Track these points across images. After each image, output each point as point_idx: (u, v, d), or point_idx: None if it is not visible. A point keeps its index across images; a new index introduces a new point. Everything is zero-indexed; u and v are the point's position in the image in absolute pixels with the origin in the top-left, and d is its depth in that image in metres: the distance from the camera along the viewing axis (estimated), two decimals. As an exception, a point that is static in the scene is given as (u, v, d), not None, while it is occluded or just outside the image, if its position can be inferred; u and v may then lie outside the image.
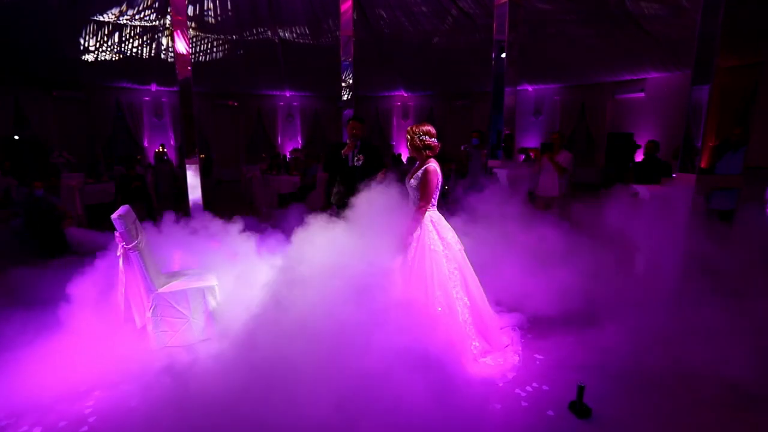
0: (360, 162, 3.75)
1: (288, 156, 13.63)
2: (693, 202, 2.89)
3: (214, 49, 9.34)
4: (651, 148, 5.58)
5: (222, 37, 8.67)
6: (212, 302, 2.88)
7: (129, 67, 10.15)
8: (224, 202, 9.27)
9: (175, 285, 2.86)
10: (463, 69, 11.12)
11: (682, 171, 2.95)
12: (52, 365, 2.60)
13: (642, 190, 3.19)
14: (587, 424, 2.08)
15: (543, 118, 13.27)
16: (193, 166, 6.42)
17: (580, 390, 2.16)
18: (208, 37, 8.71)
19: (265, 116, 14.55)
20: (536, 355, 2.73)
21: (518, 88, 13.75)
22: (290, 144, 15.13)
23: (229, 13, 7.45)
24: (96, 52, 9.09)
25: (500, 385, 2.40)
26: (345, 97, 7.23)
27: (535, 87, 13.16)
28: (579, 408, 2.15)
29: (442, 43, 8.95)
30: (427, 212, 2.73)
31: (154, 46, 9.00)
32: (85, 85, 11.11)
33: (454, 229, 2.83)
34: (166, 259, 3.64)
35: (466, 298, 2.70)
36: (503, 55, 5.27)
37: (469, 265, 2.82)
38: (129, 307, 2.88)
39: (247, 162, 12.73)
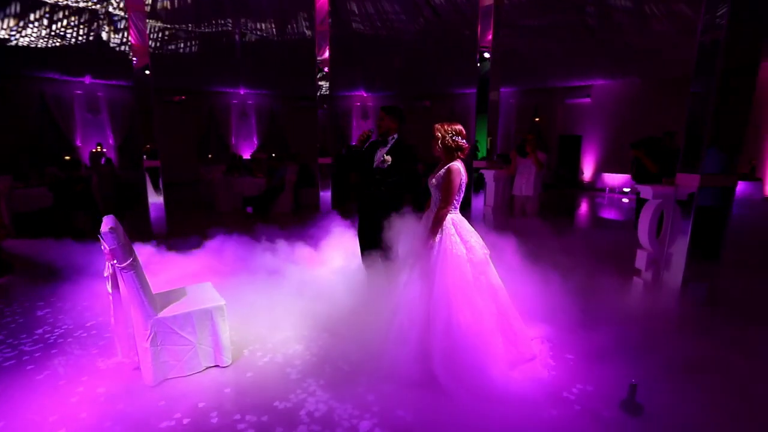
0: (386, 165, 3.03)
1: (246, 157, 12.89)
2: (691, 201, 3.09)
3: (166, 41, 8.48)
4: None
5: (176, 27, 7.89)
6: (221, 324, 2.52)
7: (57, 55, 8.89)
8: (181, 206, 8.47)
9: (177, 307, 2.46)
10: (426, 70, 11.21)
11: (684, 171, 3.13)
12: (23, 407, 2.11)
13: (644, 189, 3.34)
14: (644, 422, 2.09)
15: (500, 120, 13.83)
16: (150, 169, 5.74)
17: (632, 388, 2.17)
18: (159, 27, 7.87)
19: (218, 114, 13.61)
20: (567, 355, 2.73)
21: (474, 90, 14.28)
22: (245, 144, 14.32)
23: (188, 1, 6.78)
24: (17, 35, 7.83)
25: (548, 389, 2.35)
26: (320, 94, 6.93)
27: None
28: (632, 406, 2.16)
29: (411, 44, 8.92)
30: (448, 214, 2.58)
31: (92, 32, 7.94)
32: (2, 73, 9.57)
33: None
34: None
35: (492, 306, 2.57)
36: (487, 56, 5.33)
37: (495, 270, 2.72)
38: (125, 339, 2.43)
39: (197, 162, 11.81)
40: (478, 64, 5.43)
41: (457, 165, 2.54)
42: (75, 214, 6.46)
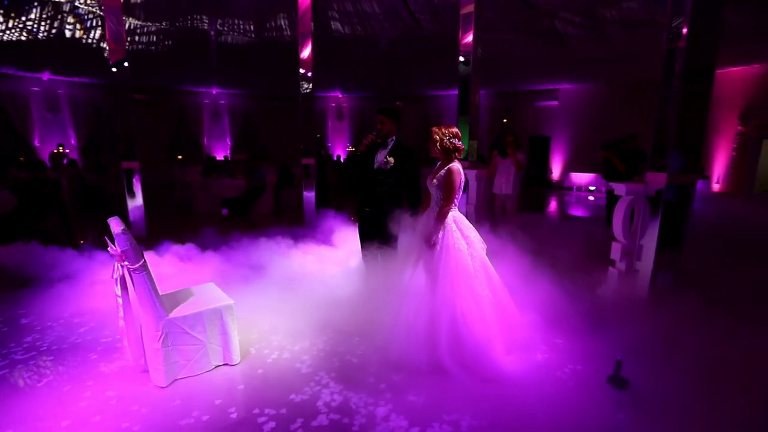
0: (389, 166, 3.14)
1: (220, 158, 12.59)
2: (658, 197, 3.42)
3: (137, 38, 8.17)
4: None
5: (148, 23, 7.62)
6: (230, 323, 2.56)
7: (13, 48, 8.33)
8: (157, 208, 8.18)
9: (186, 307, 2.47)
10: (403, 72, 11.39)
11: (653, 170, 3.46)
12: (29, 415, 2.06)
13: (618, 187, 3.64)
14: (630, 394, 2.33)
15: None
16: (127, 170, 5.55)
17: (618, 365, 2.42)
18: (130, 23, 7.57)
19: (189, 114, 13.19)
20: (556, 340, 2.96)
21: (448, 92, 14.62)
22: (218, 145, 13.96)
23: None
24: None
25: (542, 369, 2.56)
26: (302, 94, 6.93)
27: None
28: (618, 381, 2.40)
29: (388, 46, 9.07)
30: (450, 212, 2.73)
31: (54, 25, 7.52)
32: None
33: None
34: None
35: (491, 296, 2.73)
36: (463, 60, 5.55)
37: (491, 262, 2.90)
38: (134, 342, 2.41)
39: (168, 164, 11.44)
40: (459, 67, 5.64)
41: (457, 165, 2.71)
42: (43, 217, 6.14)
